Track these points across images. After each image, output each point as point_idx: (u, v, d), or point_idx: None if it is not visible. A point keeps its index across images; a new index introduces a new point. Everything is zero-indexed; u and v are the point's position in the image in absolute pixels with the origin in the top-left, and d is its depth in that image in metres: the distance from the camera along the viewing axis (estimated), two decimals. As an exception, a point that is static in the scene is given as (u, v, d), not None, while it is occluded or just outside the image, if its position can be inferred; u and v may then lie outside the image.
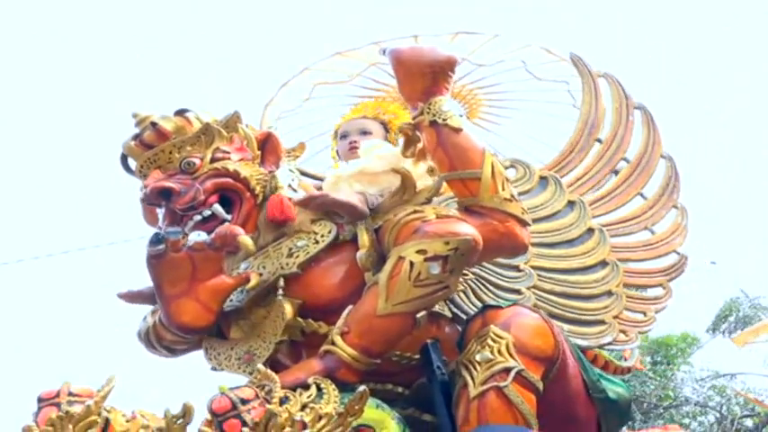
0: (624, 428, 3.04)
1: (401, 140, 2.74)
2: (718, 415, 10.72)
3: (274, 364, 2.60)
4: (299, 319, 2.47)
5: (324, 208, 2.51)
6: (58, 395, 1.97)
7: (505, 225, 2.51)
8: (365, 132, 3.01)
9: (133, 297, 2.68)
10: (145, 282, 2.59)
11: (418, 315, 2.35)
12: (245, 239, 2.38)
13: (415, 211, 2.47)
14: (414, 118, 2.62)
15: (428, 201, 2.58)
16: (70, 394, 1.98)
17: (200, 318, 2.42)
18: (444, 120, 2.55)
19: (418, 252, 2.30)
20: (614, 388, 2.58)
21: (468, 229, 2.37)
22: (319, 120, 3.38)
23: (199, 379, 2.83)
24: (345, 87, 3.39)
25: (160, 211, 2.60)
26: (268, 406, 2.00)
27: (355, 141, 2.97)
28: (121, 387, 2.09)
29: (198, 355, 2.67)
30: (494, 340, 2.31)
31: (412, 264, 2.29)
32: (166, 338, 2.62)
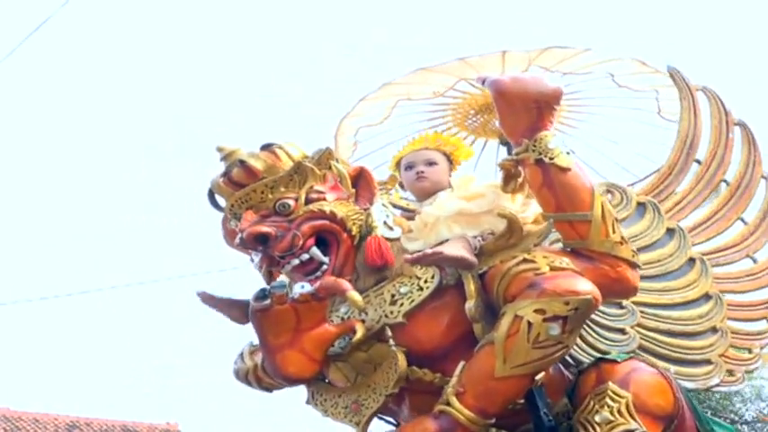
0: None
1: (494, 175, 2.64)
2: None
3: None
4: None
5: (436, 264, 2.41)
6: None
7: (617, 270, 2.41)
8: (431, 163, 2.91)
9: (214, 302, 2.56)
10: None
11: (537, 377, 2.26)
12: (354, 296, 2.29)
13: (525, 260, 2.36)
14: (517, 154, 2.50)
15: (536, 245, 2.47)
16: None
17: (306, 369, 2.36)
18: (551, 158, 2.42)
19: (536, 312, 2.20)
20: None
21: (586, 286, 2.26)
22: (400, 136, 3.27)
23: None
24: (428, 103, 3.27)
25: (255, 255, 2.52)
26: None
27: (422, 171, 2.86)
28: None
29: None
30: (612, 399, 2.24)
31: (530, 324, 2.20)
32: (265, 381, 2.57)
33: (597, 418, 2.22)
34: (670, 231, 2.93)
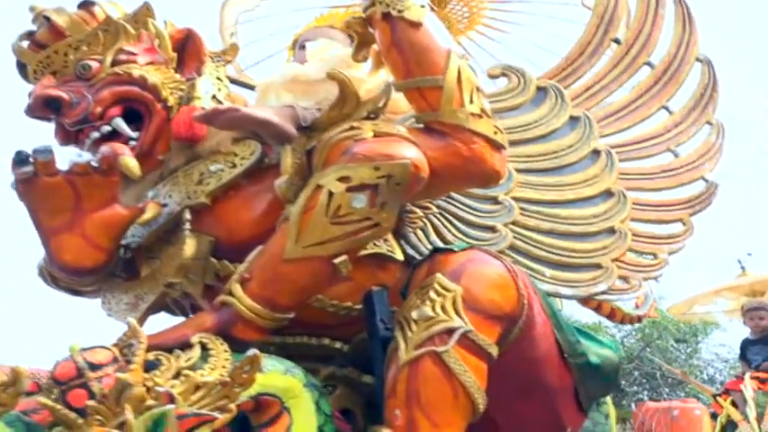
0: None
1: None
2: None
3: (196, 310, 2.19)
4: (213, 259, 2.02)
5: (232, 126, 2.01)
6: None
7: (470, 147, 1.94)
8: None
9: None
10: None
11: (337, 260, 1.85)
12: (127, 161, 1.90)
13: (352, 128, 1.94)
14: (364, 10, 2.06)
15: (374, 115, 2.06)
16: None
17: (86, 257, 1.97)
18: (400, 11, 1.98)
19: (340, 180, 1.78)
20: (598, 350, 2.06)
21: (408, 151, 1.83)
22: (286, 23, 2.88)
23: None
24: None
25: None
26: (119, 374, 1.57)
27: None
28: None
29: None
30: (437, 293, 1.80)
31: (331, 194, 1.78)
32: (61, 279, 2.16)
33: (414, 315, 1.79)
34: (574, 120, 2.45)
